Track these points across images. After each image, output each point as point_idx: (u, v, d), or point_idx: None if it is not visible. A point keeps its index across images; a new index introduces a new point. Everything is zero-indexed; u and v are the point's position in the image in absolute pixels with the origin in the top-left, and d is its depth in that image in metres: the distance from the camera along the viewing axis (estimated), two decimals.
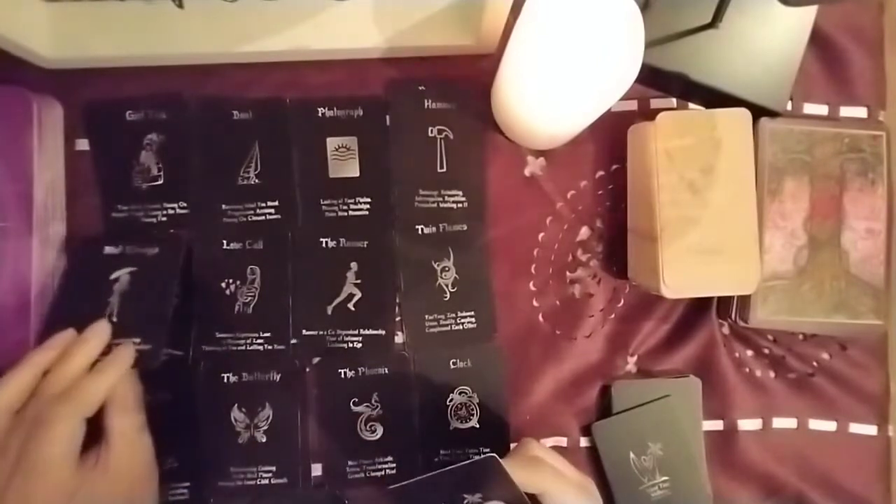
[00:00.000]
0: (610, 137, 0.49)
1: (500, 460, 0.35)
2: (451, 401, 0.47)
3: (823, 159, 0.47)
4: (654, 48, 0.45)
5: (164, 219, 0.46)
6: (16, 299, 0.43)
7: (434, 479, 0.34)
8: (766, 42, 0.47)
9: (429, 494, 0.35)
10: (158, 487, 0.41)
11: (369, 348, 0.46)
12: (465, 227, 0.48)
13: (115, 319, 0.42)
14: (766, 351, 0.50)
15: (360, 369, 0.46)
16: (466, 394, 0.47)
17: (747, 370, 0.49)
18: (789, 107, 0.49)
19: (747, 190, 0.44)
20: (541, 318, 0.49)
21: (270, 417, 0.46)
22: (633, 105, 0.49)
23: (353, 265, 0.47)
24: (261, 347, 0.46)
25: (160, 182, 0.46)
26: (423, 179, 0.48)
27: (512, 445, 0.47)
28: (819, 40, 0.49)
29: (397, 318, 0.47)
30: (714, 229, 0.43)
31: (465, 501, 0.35)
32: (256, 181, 0.47)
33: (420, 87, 0.48)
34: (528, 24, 0.37)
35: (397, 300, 0.47)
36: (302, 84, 0.48)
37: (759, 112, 0.46)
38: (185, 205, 0.46)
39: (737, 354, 0.49)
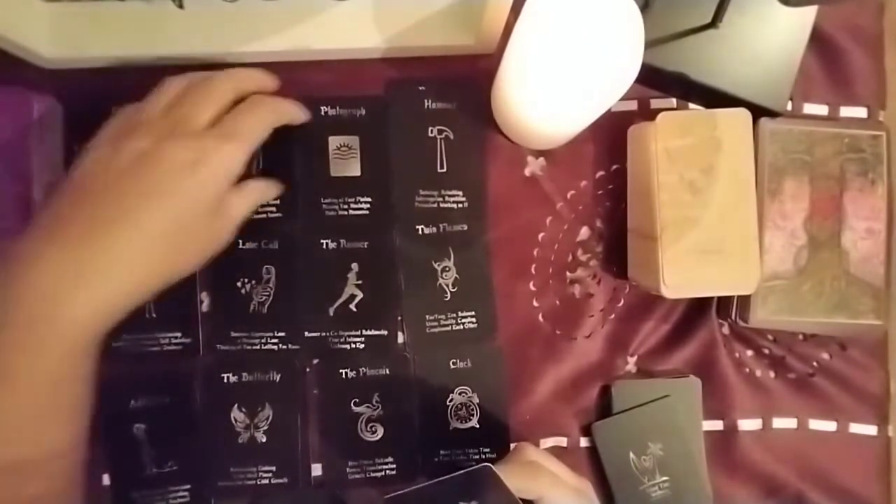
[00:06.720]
0: (610, 137, 0.49)
1: (497, 467, 0.35)
2: (451, 401, 0.47)
3: (823, 159, 0.47)
4: (654, 48, 0.45)
5: None
6: None
7: (430, 489, 0.35)
8: (766, 42, 0.47)
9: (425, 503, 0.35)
10: None
11: (372, 349, 0.46)
12: (466, 227, 0.48)
13: (154, 315, 0.42)
14: (766, 351, 0.50)
15: (361, 370, 0.46)
16: (466, 394, 0.47)
17: (747, 370, 0.49)
18: (789, 107, 0.49)
19: (747, 190, 0.44)
20: (541, 318, 0.49)
21: (270, 417, 0.46)
22: (633, 105, 0.49)
23: (354, 266, 0.47)
24: (275, 347, 0.46)
25: None
26: (423, 179, 0.48)
27: (512, 446, 0.47)
28: (819, 40, 0.49)
29: (398, 319, 0.47)
30: (714, 229, 0.43)
31: None
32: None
33: (420, 87, 0.48)
34: (528, 24, 0.37)
35: (398, 300, 0.47)
36: (302, 84, 0.47)
37: (759, 112, 0.46)
38: None
39: (737, 354, 0.49)
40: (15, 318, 0.32)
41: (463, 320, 0.47)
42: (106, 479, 0.45)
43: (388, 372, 0.47)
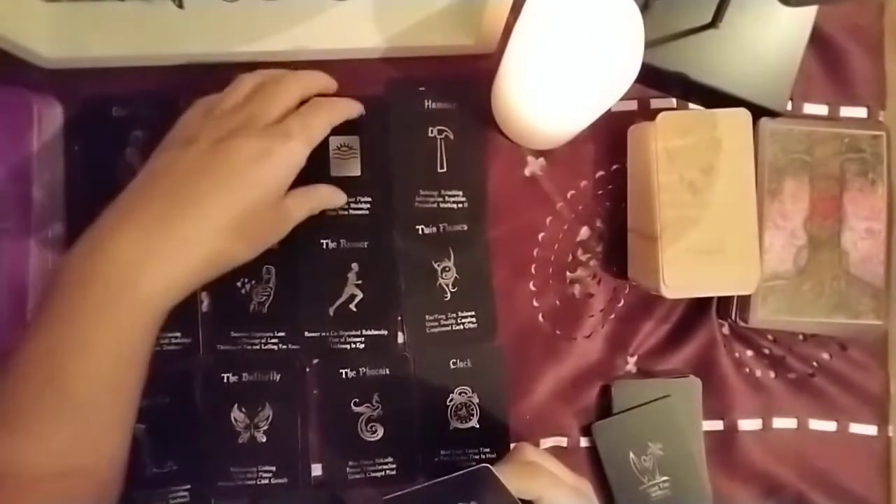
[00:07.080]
0: (610, 137, 0.49)
1: (496, 467, 0.35)
2: (451, 401, 0.47)
3: (823, 159, 0.47)
4: (654, 48, 0.45)
5: None
6: (12, 301, 0.43)
7: (429, 489, 0.35)
8: (766, 42, 0.47)
9: None
10: None
11: (372, 349, 0.46)
12: (466, 227, 0.48)
13: None
14: (766, 351, 0.50)
15: (361, 370, 0.46)
16: (466, 394, 0.47)
17: (747, 370, 0.49)
18: (789, 107, 0.49)
19: (747, 190, 0.44)
20: (541, 318, 0.49)
21: (270, 417, 0.46)
22: (633, 105, 0.49)
23: (354, 266, 0.47)
24: (275, 347, 0.46)
25: None
26: (423, 179, 0.48)
27: (512, 446, 0.47)
28: (819, 40, 0.49)
29: (398, 318, 0.47)
30: (714, 229, 0.43)
31: None
32: None
33: (420, 87, 0.48)
34: (528, 24, 0.37)
35: (398, 300, 0.47)
36: None
37: (759, 112, 0.46)
38: None
39: (737, 354, 0.49)
40: (94, 287, 0.34)
41: (463, 320, 0.47)
42: None
43: (388, 372, 0.47)
